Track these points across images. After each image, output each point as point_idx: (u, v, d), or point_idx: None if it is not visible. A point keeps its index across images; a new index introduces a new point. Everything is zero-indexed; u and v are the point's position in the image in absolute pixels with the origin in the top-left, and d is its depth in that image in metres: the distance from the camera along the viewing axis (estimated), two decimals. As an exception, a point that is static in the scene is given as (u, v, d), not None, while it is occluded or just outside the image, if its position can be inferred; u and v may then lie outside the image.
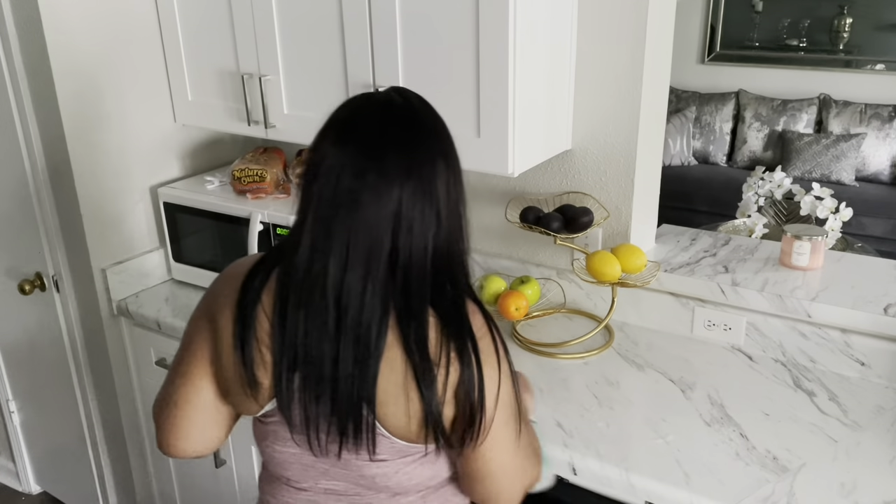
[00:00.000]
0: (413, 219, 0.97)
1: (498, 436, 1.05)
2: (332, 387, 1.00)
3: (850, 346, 1.65)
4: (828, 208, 2.88)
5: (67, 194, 2.00)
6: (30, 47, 1.87)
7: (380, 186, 0.96)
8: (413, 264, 0.98)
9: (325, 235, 0.98)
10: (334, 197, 0.97)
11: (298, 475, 1.14)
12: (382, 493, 1.12)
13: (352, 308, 0.98)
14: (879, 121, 4.76)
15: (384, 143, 0.98)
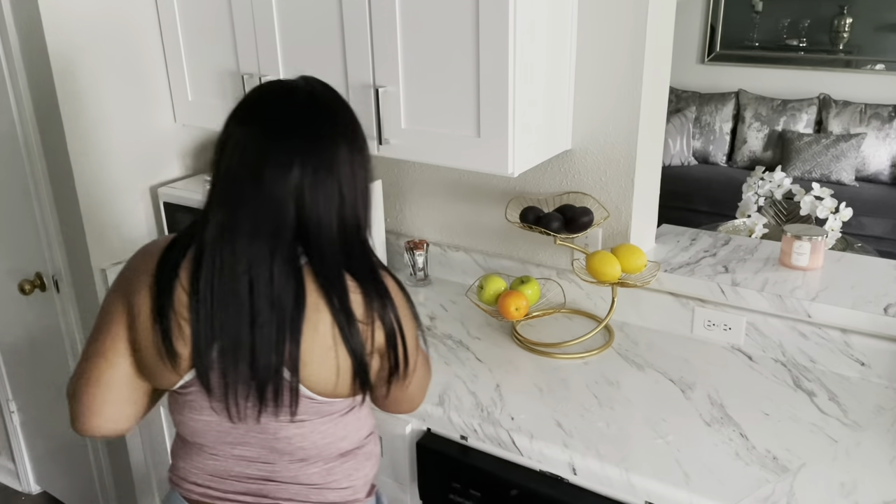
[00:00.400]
0: (316, 194, 1.05)
1: (416, 371, 1.22)
2: (251, 353, 1.06)
3: (850, 346, 1.65)
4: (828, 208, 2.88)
5: (67, 194, 2.00)
6: (30, 47, 1.87)
7: (281, 163, 1.03)
8: (322, 235, 1.06)
9: (232, 211, 1.05)
10: (239, 174, 1.05)
11: (212, 442, 1.19)
12: (291, 457, 1.18)
13: (262, 278, 1.04)
14: (879, 121, 4.76)
15: (287, 124, 1.07)
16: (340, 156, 1.08)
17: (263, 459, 1.19)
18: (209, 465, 1.22)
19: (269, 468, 1.20)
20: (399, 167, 2.18)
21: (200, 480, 1.23)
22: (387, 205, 2.22)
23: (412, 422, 1.61)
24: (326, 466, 1.21)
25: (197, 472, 1.24)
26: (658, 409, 1.54)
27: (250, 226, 1.04)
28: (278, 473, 1.20)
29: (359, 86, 1.72)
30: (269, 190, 1.04)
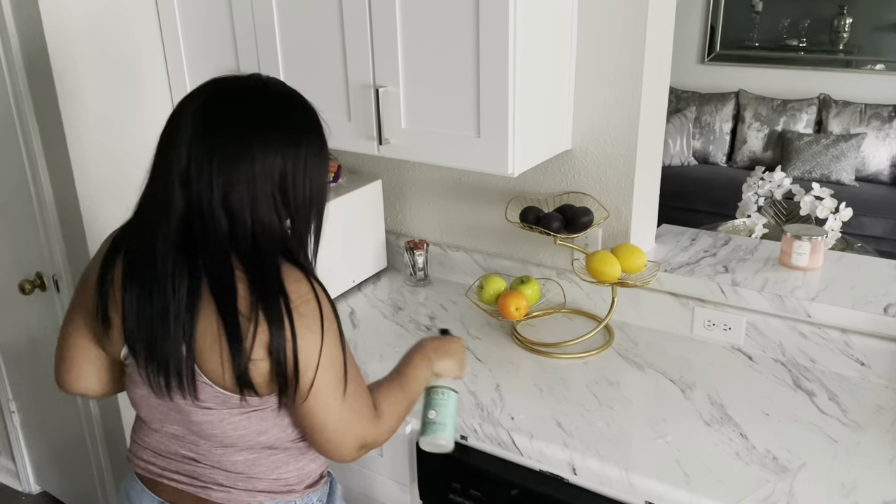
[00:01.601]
0: (212, 194, 1.07)
1: (320, 395, 1.14)
2: (155, 333, 1.10)
3: (850, 346, 1.65)
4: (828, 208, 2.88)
5: (67, 194, 2.00)
6: (30, 47, 1.87)
7: (176, 145, 1.12)
8: (207, 228, 1.08)
9: (147, 200, 1.15)
10: (163, 164, 1.15)
11: (148, 415, 1.24)
12: (212, 442, 1.20)
13: (158, 266, 1.09)
14: (879, 121, 4.76)
15: (218, 120, 1.10)
16: (263, 159, 1.09)
17: (190, 440, 1.22)
18: (152, 441, 1.27)
19: (195, 449, 1.22)
20: (399, 167, 2.18)
21: (145, 456, 1.28)
22: (387, 205, 2.22)
23: (412, 422, 1.61)
24: (252, 456, 1.21)
25: (143, 447, 1.29)
26: (658, 409, 1.54)
27: (152, 217, 1.12)
28: (204, 457, 1.22)
29: (359, 86, 1.72)
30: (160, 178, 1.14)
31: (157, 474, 1.27)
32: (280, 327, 1.08)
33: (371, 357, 1.77)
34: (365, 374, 1.70)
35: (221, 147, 1.08)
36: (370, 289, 2.14)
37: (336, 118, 1.80)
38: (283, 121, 1.14)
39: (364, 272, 2.14)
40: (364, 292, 2.12)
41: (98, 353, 1.27)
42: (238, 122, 1.10)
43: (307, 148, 1.15)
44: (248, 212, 1.09)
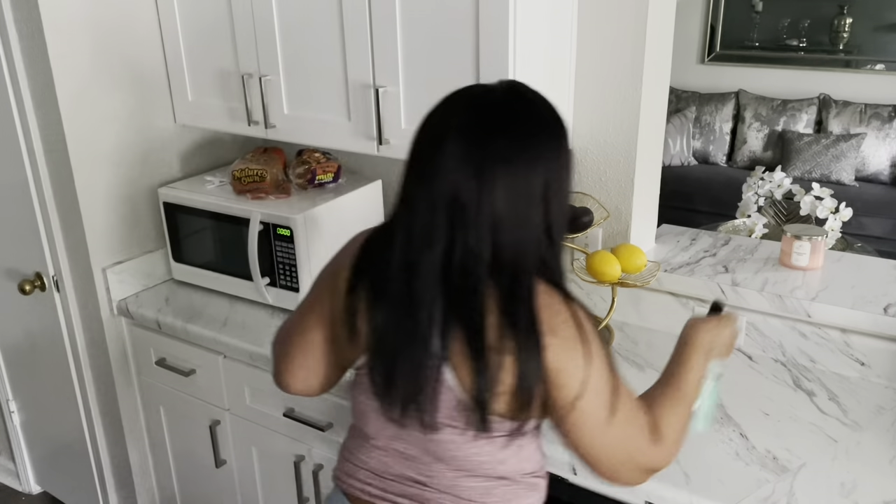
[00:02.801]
0: (468, 205, 1.01)
1: (584, 424, 1.06)
2: (406, 355, 1.06)
3: (850, 345, 1.65)
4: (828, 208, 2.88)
5: (67, 194, 2.00)
6: (30, 47, 1.87)
7: (437, 172, 1.04)
8: (469, 259, 1.02)
9: (405, 219, 1.07)
10: (427, 189, 1.06)
11: (376, 431, 1.19)
12: (448, 465, 1.14)
13: (417, 294, 1.04)
14: (879, 121, 4.76)
15: (483, 142, 1.02)
16: (535, 174, 1.02)
17: (422, 461, 1.16)
18: (371, 460, 1.21)
19: (425, 471, 1.16)
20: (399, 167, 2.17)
21: (361, 476, 1.23)
22: (387, 205, 2.22)
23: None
24: (486, 484, 1.15)
25: (359, 467, 1.23)
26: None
27: (406, 239, 1.06)
28: (435, 480, 1.16)
29: (359, 86, 1.72)
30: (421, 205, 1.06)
31: (376, 496, 1.21)
32: (533, 356, 1.01)
33: (371, 357, 1.77)
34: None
35: (491, 172, 1.01)
36: (370, 289, 2.14)
37: (336, 118, 1.80)
38: (544, 135, 1.06)
39: (364, 272, 2.14)
40: (364, 292, 2.12)
41: (329, 355, 1.23)
42: (505, 141, 1.02)
43: (565, 159, 1.08)
44: (515, 236, 1.03)
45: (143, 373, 2.18)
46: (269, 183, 2.00)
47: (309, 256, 1.92)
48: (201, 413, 2.05)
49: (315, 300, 1.24)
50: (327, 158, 2.09)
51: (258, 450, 1.98)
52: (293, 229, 1.88)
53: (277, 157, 2.12)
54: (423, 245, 1.03)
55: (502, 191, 1.00)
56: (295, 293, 1.94)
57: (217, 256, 2.09)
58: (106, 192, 2.04)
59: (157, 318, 2.03)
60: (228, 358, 1.93)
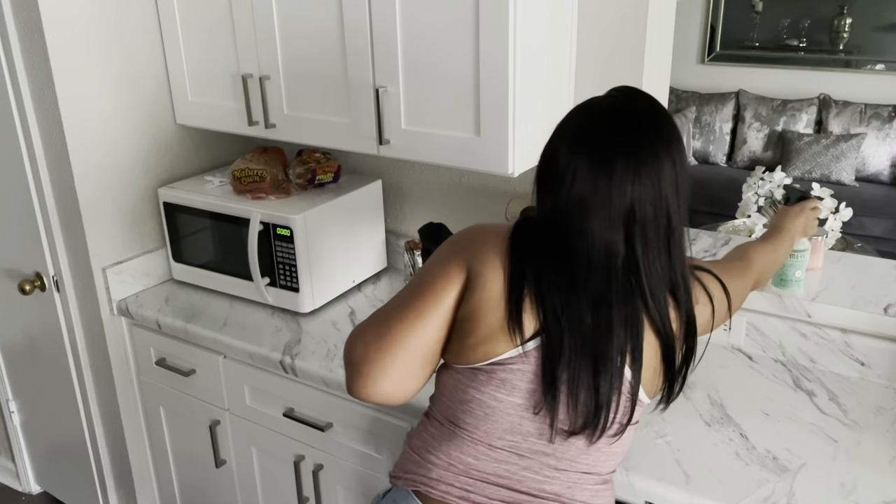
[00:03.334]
0: (645, 219, 1.06)
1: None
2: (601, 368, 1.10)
3: (850, 346, 1.65)
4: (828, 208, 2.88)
5: (67, 194, 2.00)
6: (30, 47, 1.87)
7: (611, 190, 1.05)
8: (650, 261, 1.08)
9: (564, 238, 1.09)
10: (567, 204, 1.08)
11: (501, 428, 1.15)
12: (584, 467, 1.17)
13: (613, 307, 1.09)
14: (879, 121, 4.76)
15: (612, 149, 1.07)
16: (665, 177, 1.08)
17: (537, 459, 1.15)
18: (469, 458, 1.17)
19: (539, 468, 1.16)
20: (399, 167, 2.18)
21: (448, 479, 1.17)
22: (387, 205, 2.22)
23: (412, 421, 1.61)
24: (595, 487, 1.18)
25: (449, 468, 1.18)
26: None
27: (584, 257, 1.09)
28: (553, 482, 1.16)
29: (359, 86, 1.72)
30: (597, 220, 1.07)
31: (466, 498, 1.17)
32: (695, 334, 1.17)
33: (371, 357, 1.77)
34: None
35: (653, 181, 1.07)
36: (370, 289, 2.14)
37: (336, 118, 1.80)
38: (667, 133, 1.12)
39: (364, 272, 2.14)
40: (364, 292, 2.12)
41: (436, 359, 1.19)
42: (654, 149, 1.08)
43: (683, 151, 1.15)
44: (678, 236, 1.11)
45: (143, 373, 2.18)
46: (269, 183, 2.00)
47: (309, 256, 1.92)
48: (201, 413, 2.05)
49: (433, 301, 1.15)
50: (327, 158, 2.09)
51: (258, 450, 1.98)
52: (293, 229, 1.88)
53: (277, 157, 2.12)
54: (604, 258, 1.08)
55: (667, 202, 1.07)
56: (295, 293, 1.94)
57: (217, 256, 2.09)
58: (106, 192, 2.04)
59: (157, 318, 2.03)
60: (228, 358, 1.93)
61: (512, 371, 1.13)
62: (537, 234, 1.14)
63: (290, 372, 1.79)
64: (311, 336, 1.88)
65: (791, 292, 1.68)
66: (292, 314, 1.99)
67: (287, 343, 1.85)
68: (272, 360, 1.81)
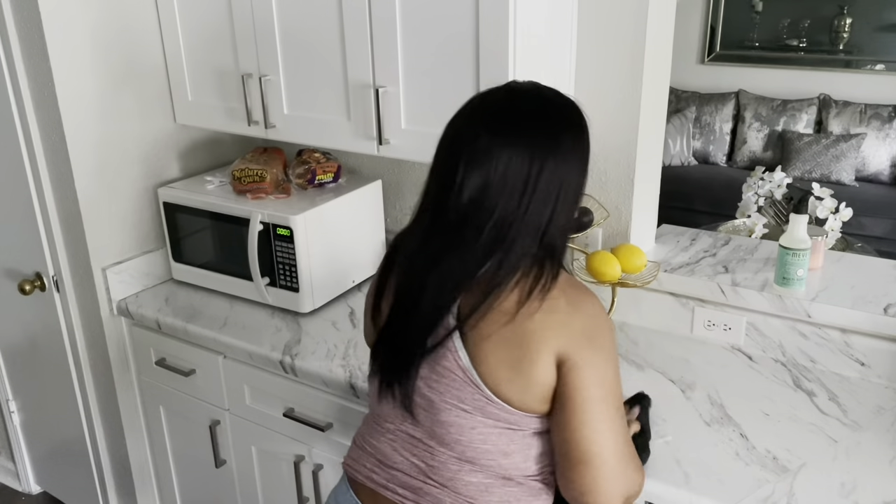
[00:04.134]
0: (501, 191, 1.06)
1: (595, 411, 1.08)
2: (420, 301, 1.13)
3: (850, 346, 1.65)
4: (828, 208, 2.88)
5: (67, 194, 2.00)
6: (30, 47, 1.87)
7: (478, 157, 1.06)
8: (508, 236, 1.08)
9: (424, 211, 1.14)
10: (438, 171, 1.12)
11: (387, 411, 1.23)
12: (451, 452, 1.16)
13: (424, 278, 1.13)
14: (879, 121, 4.76)
15: (497, 137, 1.08)
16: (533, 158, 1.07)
17: (426, 447, 1.18)
18: (381, 445, 1.24)
19: (429, 459, 1.18)
20: (399, 167, 2.18)
21: (368, 464, 1.25)
22: (387, 205, 2.22)
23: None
24: (486, 481, 1.16)
25: (369, 453, 1.26)
26: (658, 409, 1.54)
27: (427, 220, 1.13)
28: (435, 471, 1.17)
29: (359, 86, 1.72)
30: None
31: (381, 485, 1.22)
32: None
33: (371, 357, 1.77)
34: (366, 375, 1.71)
35: (501, 164, 1.07)
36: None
37: (336, 118, 1.80)
38: (559, 130, 1.12)
39: (364, 272, 2.14)
40: (364, 292, 2.12)
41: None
42: (514, 135, 1.08)
43: (582, 160, 1.15)
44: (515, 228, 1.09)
45: (143, 373, 2.18)
46: (269, 183, 2.00)
47: (309, 256, 1.92)
48: (201, 413, 2.05)
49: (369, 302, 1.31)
50: (327, 158, 2.09)
51: (258, 450, 1.98)
52: (293, 229, 1.88)
53: (277, 157, 2.12)
54: (413, 241, 1.14)
55: (474, 181, 1.06)
56: (295, 293, 1.94)
57: (217, 256, 2.09)
58: (106, 192, 2.04)
59: (157, 318, 2.03)
60: (228, 358, 1.93)
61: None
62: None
63: (290, 372, 1.79)
64: (311, 336, 1.88)
65: (792, 291, 1.67)
66: (292, 314, 1.99)
67: (287, 343, 1.85)
68: (272, 359, 1.81)
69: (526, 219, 1.07)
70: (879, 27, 4.83)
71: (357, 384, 1.68)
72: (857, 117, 4.82)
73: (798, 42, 5.09)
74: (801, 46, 5.09)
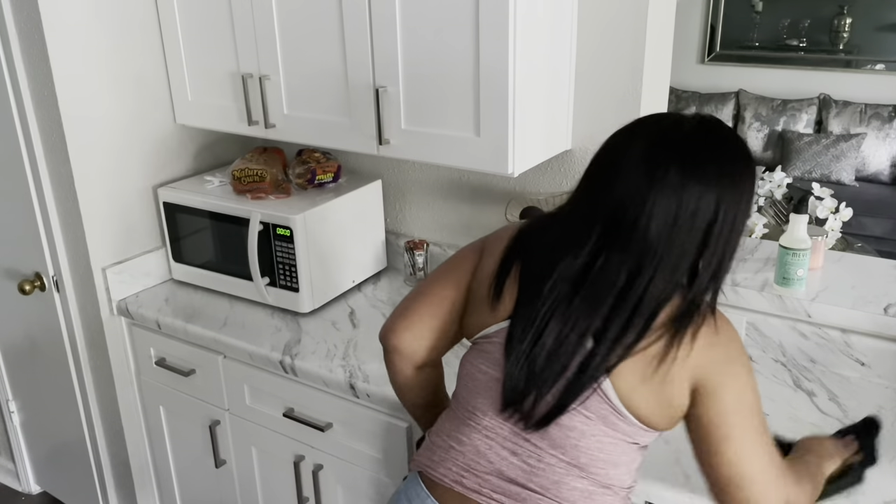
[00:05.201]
0: (624, 231, 1.04)
1: (735, 436, 1.08)
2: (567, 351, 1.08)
3: (850, 346, 1.65)
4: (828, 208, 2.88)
5: (67, 194, 2.00)
6: (30, 48, 1.87)
7: (668, 191, 1.02)
8: (610, 270, 1.06)
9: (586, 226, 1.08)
10: (618, 190, 1.05)
11: (486, 405, 1.17)
12: (563, 456, 1.12)
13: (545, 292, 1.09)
14: (879, 121, 4.76)
15: (659, 168, 1.03)
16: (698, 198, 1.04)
17: (533, 446, 1.14)
18: (474, 442, 1.17)
19: (534, 460, 1.14)
20: (399, 167, 2.18)
21: (455, 466, 1.18)
22: (387, 205, 2.22)
23: (411, 421, 1.61)
24: (590, 488, 1.14)
25: (455, 453, 1.19)
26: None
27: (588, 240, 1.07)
28: (541, 473, 1.13)
29: (359, 86, 1.72)
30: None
31: (473, 490, 1.16)
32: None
33: (371, 357, 1.77)
34: (366, 375, 1.71)
35: (659, 194, 1.03)
36: (370, 289, 2.14)
37: (336, 118, 1.80)
38: (726, 170, 1.08)
39: (364, 272, 2.14)
40: (364, 292, 2.12)
41: (451, 319, 1.26)
42: (680, 167, 1.04)
43: (745, 202, 1.13)
44: (662, 262, 1.07)
45: (143, 373, 2.18)
46: (269, 183, 2.00)
47: (309, 256, 1.92)
48: (201, 413, 2.05)
49: (452, 268, 1.28)
50: (327, 158, 2.09)
51: (258, 450, 1.98)
52: (293, 229, 1.88)
53: (277, 157, 2.12)
54: (567, 251, 1.08)
55: (663, 213, 1.02)
56: (295, 293, 1.94)
57: (217, 256, 2.09)
58: (106, 192, 2.04)
59: (157, 318, 2.03)
60: (228, 358, 1.93)
61: (493, 343, 1.16)
62: (551, 216, 1.17)
63: (290, 372, 1.79)
64: (311, 336, 1.88)
65: (792, 291, 1.67)
66: (292, 314, 1.99)
67: (287, 343, 1.85)
68: (272, 359, 1.81)
69: (706, 258, 1.07)
70: (879, 27, 4.83)
71: (357, 384, 1.68)
72: (857, 117, 4.83)
73: (798, 42, 5.09)
74: (801, 46, 5.09)
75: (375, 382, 1.66)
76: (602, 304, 1.06)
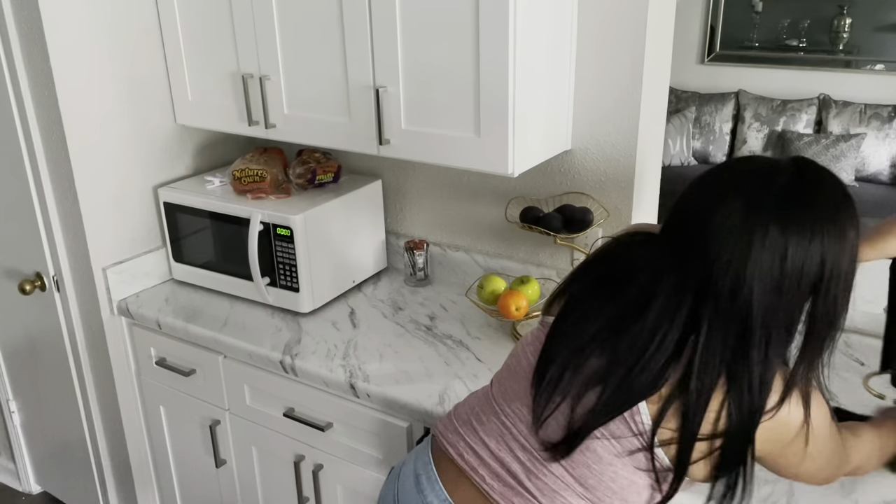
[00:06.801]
0: (718, 294, 0.99)
1: (795, 475, 1.15)
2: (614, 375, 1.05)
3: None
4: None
5: (68, 194, 2.00)
6: (30, 47, 1.87)
7: (767, 255, 0.96)
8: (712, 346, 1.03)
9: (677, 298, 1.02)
10: (704, 247, 0.99)
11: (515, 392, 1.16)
12: (573, 472, 1.09)
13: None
14: (879, 121, 4.76)
15: (756, 223, 0.96)
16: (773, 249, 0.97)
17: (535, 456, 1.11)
18: (490, 430, 1.16)
19: (538, 468, 1.11)
20: (399, 167, 2.18)
21: (462, 443, 1.18)
22: (387, 205, 2.22)
23: (412, 421, 1.61)
24: None
25: (470, 432, 1.19)
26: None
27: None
28: (539, 480, 1.11)
29: (359, 86, 1.72)
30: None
31: (471, 467, 1.16)
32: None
33: (371, 357, 1.77)
34: (366, 375, 1.71)
35: (758, 257, 0.98)
36: (370, 289, 2.14)
37: (336, 118, 1.80)
38: (828, 221, 1.01)
39: (364, 272, 2.15)
40: (364, 292, 2.12)
41: None
42: (780, 224, 0.97)
43: (850, 251, 1.05)
44: (766, 329, 1.07)
45: (143, 373, 2.18)
46: (269, 183, 2.00)
47: (309, 256, 1.92)
48: (201, 413, 2.05)
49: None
50: (327, 158, 2.09)
51: (258, 450, 1.98)
52: (293, 229, 1.88)
53: (277, 157, 2.12)
54: (661, 322, 1.01)
55: (764, 281, 0.96)
56: (295, 293, 1.94)
57: (217, 256, 2.09)
58: (106, 192, 2.04)
59: (157, 318, 2.03)
60: (228, 358, 1.93)
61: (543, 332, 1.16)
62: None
63: (290, 372, 1.79)
64: (311, 336, 1.88)
65: None
66: (292, 314, 1.99)
67: (287, 343, 1.85)
68: (272, 359, 1.81)
69: (811, 327, 1.06)
70: (879, 27, 4.83)
71: (357, 384, 1.68)
72: (856, 117, 4.82)
73: (798, 42, 5.09)
74: (800, 46, 5.09)
75: (375, 382, 1.66)
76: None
